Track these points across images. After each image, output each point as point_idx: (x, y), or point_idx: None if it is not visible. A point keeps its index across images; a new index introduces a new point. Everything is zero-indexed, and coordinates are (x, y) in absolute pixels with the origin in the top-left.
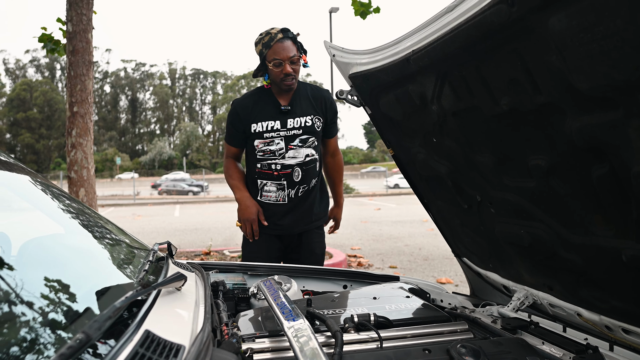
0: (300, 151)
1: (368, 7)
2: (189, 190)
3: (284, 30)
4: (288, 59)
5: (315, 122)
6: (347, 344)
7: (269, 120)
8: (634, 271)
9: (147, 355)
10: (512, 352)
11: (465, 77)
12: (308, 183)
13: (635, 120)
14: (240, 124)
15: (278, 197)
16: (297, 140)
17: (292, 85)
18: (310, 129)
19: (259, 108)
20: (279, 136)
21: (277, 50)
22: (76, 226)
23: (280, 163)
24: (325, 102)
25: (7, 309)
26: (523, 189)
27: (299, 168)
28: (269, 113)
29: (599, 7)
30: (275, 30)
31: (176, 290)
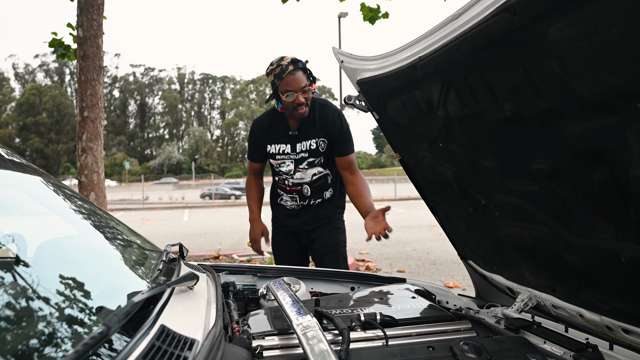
0: (307, 172)
1: (377, 13)
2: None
3: (294, 62)
4: (300, 90)
5: (319, 144)
6: (354, 341)
7: (281, 144)
8: (632, 272)
9: (163, 348)
10: (514, 349)
11: (470, 83)
12: (320, 196)
13: (633, 126)
14: (258, 142)
15: (292, 205)
16: (305, 163)
17: (304, 113)
18: (315, 152)
19: (272, 131)
20: (289, 159)
21: (289, 82)
22: (89, 228)
23: (290, 181)
24: (327, 122)
25: (29, 306)
26: (526, 193)
27: (307, 186)
28: (281, 136)
29: (597, 17)
30: (285, 61)
31: (189, 289)
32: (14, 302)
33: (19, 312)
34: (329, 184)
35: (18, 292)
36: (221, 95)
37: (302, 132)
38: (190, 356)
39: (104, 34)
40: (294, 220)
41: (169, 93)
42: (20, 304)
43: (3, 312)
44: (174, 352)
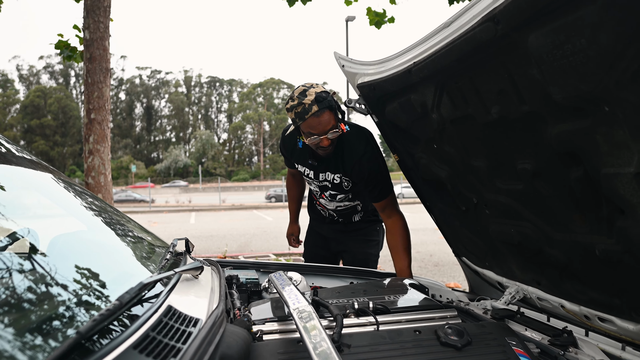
0: (331, 203)
1: (383, 17)
2: None
3: (319, 100)
4: (325, 133)
5: (343, 181)
6: (348, 327)
7: (305, 167)
8: (605, 264)
9: (170, 324)
10: (494, 333)
11: (461, 88)
12: (349, 219)
13: (602, 128)
14: (287, 155)
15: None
16: (328, 193)
17: (329, 154)
18: (338, 187)
19: (297, 151)
20: (314, 184)
21: (313, 125)
22: (99, 223)
23: (317, 199)
24: (350, 166)
25: (46, 291)
26: (513, 191)
27: (333, 212)
28: (304, 160)
29: (568, 27)
30: (309, 99)
31: (194, 279)
32: (33, 287)
33: (38, 296)
34: (358, 211)
35: (35, 280)
36: (228, 98)
37: (322, 163)
38: (194, 331)
39: (111, 36)
40: (324, 227)
41: (175, 96)
42: (37, 290)
43: (24, 296)
44: (180, 328)
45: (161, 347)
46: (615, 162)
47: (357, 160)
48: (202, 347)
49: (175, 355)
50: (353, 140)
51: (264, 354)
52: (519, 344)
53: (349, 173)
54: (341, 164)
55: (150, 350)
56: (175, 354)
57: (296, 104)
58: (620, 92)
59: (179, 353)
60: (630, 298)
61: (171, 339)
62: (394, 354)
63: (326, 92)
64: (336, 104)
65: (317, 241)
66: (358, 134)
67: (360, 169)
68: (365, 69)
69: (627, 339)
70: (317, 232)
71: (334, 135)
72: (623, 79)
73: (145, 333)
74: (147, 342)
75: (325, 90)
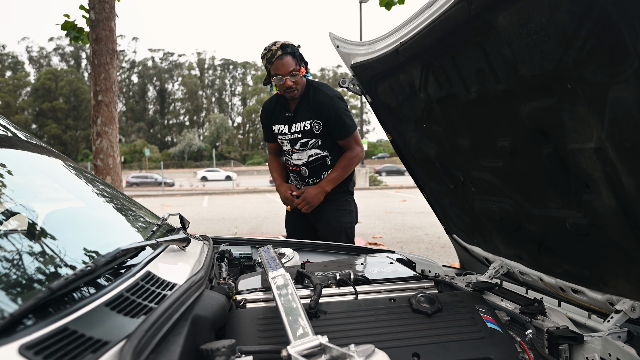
0: (303, 153)
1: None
2: None
3: (284, 47)
4: (287, 74)
5: (314, 125)
6: (328, 296)
7: (280, 124)
8: (575, 237)
9: (146, 287)
10: (464, 301)
11: (444, 68)
12: (319, 177)
13: (566, 105)
14: (266, 123)
15: (296, 185)
16: (299, 144)
17: (294, 95)
18: (309, 133)
19: (276, 112)
20: (286, 139)
21: (277, 67)
22: (97, 200)
23: (290, 162)
24: (320, 107)
25: (36, 263)
26: (494, 169)
27: (304, 167)
28: (281, 118)
29: (530, 7)
30: (275, 46)
31: (181, 250)
32: (19, 250)
33: (20, 257)
34: (328, 165)
35: (24, 247)
36: (242, 81)
37: (298, 113)
38: (168, 293)
39: (117, 17)
40: None
41: (188, 79)
42: (22, 253)
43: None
44: (156, 290)
45: (133, 306)
46: (579, 138)
47: (325, 101)
48: (174, 307)
49: (146, 313)
50: (323, 89)
51: (243, 319)
52: (488, 311)
53: (320, 114)
54: (312, 108)
55: (122, 308)
56: (146, 312)
57: (266, 52)
58: (579, 69)
59: (150, 311)
60: (598, 269)
61: (144, 300)
62: (367, 320)
63: (292, 44)
64: (299, 53)
65: (294, 217)
66: (326, 86)
67: (329, 109)
68: (357, 50)
69: (595, 308)
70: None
71: (295, 78)
72: (580, 57)
73: (119, 293)
74: (119, 300)
75: (291, 44)
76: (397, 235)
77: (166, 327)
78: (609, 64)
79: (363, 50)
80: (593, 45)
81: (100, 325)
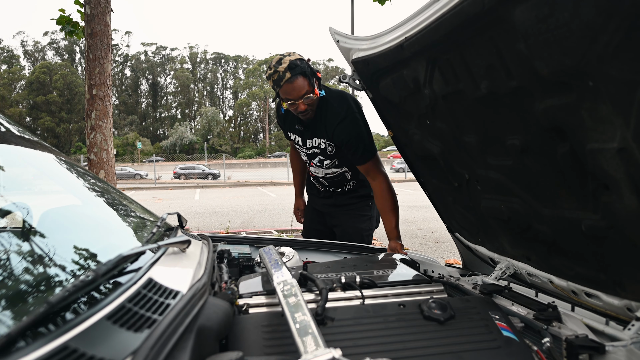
0: (320, 170)
1: None
2: None
3: (292, 67)
4: (301, 98)
5: (327, 146)
6: (334, 300)
7: (295, 134)
8: (591, 239)
9: (148, 296)
10: (477, 307)
11: (452, 63)
12: (340, 186)
13: (586, 103)
14: (281, 125)
15: (317, 185)
16: (317, 160)
17: (309, 117)
18: (324, 152)
19: (289, 118)
20: (302, 151)
21: (288, 91)
22: (93, 198)
23: (309, 169)
24: (332, 130)
25: (31, 265)
26: (502, 167)
27: (323, 180)
28: (293, 127)
29: (550, 0)
30: (282, 67)
31: (181, 252)
32: (19, 260)
33: (19, 267)
34: (349, 179)
35: (22, 253)
36: (234, 75)
37: (308, 129)
38: (172, 303)
39: (113, 12)
40: (319, 201)
41: (181, 72)
42: (23, 262)
43: (10, 268)
44: (158, 300)
45: (136, 319)
46: (600, 137)
47: (338, 124)
48: (179, 318)
49: (149, 326)
50: (335, 105)
51: (247, 327)
52: (502, 318)
53: (332, 137)
54: (324, 128)
55: (125, 321)
56: (150, 325)
57: (272, 72)
58: (603, 66)
59: (153, 324)
60: (615, 273)
61: (147, 310)
62: (377, 327)
63: (301, 60)
64: (310, 70)
65: (313, 216)
66: (340, 99)
67: (341, 132)
68: (359, 44)
69: (612, 314)
70: (313, 207)
71: (308, 100)
72: (605, 54)
73: (121, 304)
74: (121, 313)
75: (300, 58)
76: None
77: (171, 342)
78: (638, 61)
79: (365, 45)
80: (621, 40)
81: (102, 342)
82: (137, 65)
